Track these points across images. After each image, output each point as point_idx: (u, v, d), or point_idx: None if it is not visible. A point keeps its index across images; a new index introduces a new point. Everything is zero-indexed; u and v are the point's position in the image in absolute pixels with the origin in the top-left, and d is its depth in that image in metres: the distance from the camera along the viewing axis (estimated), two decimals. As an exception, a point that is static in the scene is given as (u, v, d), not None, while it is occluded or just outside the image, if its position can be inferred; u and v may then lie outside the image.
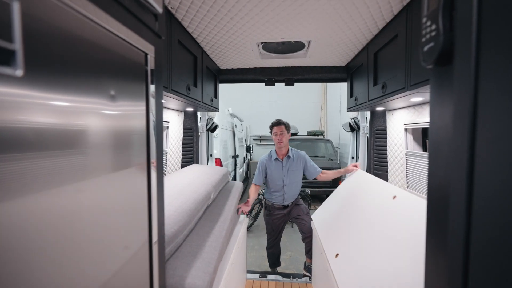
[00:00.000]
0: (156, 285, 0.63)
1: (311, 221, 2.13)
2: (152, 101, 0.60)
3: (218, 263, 1.01)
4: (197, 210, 1.14)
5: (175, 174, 1.70)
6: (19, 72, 0.28)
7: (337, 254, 1.32)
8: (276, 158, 2.30)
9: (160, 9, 0.60)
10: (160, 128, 0.65)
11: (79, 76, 0.39)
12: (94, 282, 0.42)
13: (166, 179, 1.49)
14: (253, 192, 2.25)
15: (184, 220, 0.99)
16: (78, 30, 0.38)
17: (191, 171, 1.79)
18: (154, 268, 0.61)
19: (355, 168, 2.10)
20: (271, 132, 2.32)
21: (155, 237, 0.62)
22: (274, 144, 2.33)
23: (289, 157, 2.28)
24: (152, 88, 0.60)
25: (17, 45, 0.28)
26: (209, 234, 1.14)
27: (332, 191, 2.09)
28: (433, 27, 0.38)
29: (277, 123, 2.27)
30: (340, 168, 6.01)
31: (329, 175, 2.29)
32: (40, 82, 0.32)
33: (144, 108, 0.58)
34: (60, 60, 0.35)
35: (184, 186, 1.31)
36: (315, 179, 2.33)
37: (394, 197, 1.26)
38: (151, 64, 0.59)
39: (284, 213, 2.33)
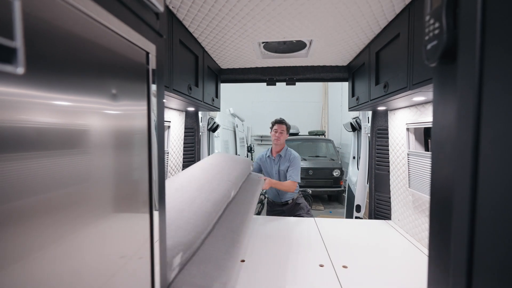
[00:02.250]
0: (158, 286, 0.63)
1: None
2: (154, 101, 0.60)
3: (234, 271, 0.96)
4: (216, 212, 1.06)
5: (194, 167, 1.52)
6: (20, 70, 0.28)
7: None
8: (269, 156, 2.41)
9: (161, 8, 0.60)
10: (161, 128, 0.65)
11: (80, 74, 0.39)
12: (95, 283, 0.42)
13: (184, 173, 1.39)
14: None
15: (203, 225, 0.92)
16: (79, 29, 0.38)
17: (211, 163, 1.56)
18: (155, 271, 0.61)
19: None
20: (271, 128, 2.36)
21: (156, 237, 0.62)
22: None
23: (280, 156, 2.35)
24: (153, 87, 0.60)
25: (18, 43, 0.27)
26: (227, 237, 1.06)
27: (333, 191, 2.07)
28: (437, 25, 0.37)
29: (280, 121, 2.34)
30: (341, 168, 6.01)
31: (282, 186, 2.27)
32: (41, 81, 0.32)
33: (145, 107, 0.58)
34: (61, 58, 0.35)
35: (202, 183, 1.21)
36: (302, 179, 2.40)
37: None
38: (152, 63, 0.59)
39: (284, 209, 2.36)
